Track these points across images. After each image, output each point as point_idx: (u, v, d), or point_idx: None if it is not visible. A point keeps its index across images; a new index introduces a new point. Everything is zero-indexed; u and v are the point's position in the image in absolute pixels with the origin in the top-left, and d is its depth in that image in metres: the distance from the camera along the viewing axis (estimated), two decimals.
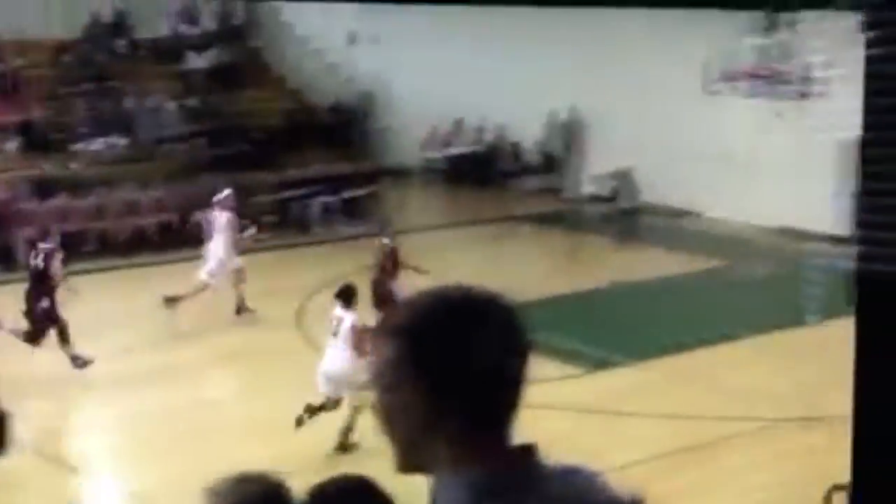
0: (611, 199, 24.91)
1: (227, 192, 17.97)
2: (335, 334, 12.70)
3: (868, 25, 5.74)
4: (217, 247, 17.54)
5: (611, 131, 25.32)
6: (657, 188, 24.40)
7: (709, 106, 22.04)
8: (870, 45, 5.66)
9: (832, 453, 11.56)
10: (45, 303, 14.98)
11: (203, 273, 17.39)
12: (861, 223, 6.04)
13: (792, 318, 17.04)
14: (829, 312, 17.45)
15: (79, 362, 14.83)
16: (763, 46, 20.74)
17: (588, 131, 26.33)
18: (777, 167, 22.27)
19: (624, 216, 24.50)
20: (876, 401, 6.08)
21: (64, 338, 14.91)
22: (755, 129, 22.33)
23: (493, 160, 28.11)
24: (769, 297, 18.49)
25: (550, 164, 27.24)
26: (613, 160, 24.78)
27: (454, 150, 28.54)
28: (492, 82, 26.97)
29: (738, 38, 20.74)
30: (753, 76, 20.71)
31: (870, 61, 5.74)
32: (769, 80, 20.45)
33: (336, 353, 12.59)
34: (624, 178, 24.74)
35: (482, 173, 27.73)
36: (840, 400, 13.27)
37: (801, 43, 19.84)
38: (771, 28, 20.97)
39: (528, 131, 27.18)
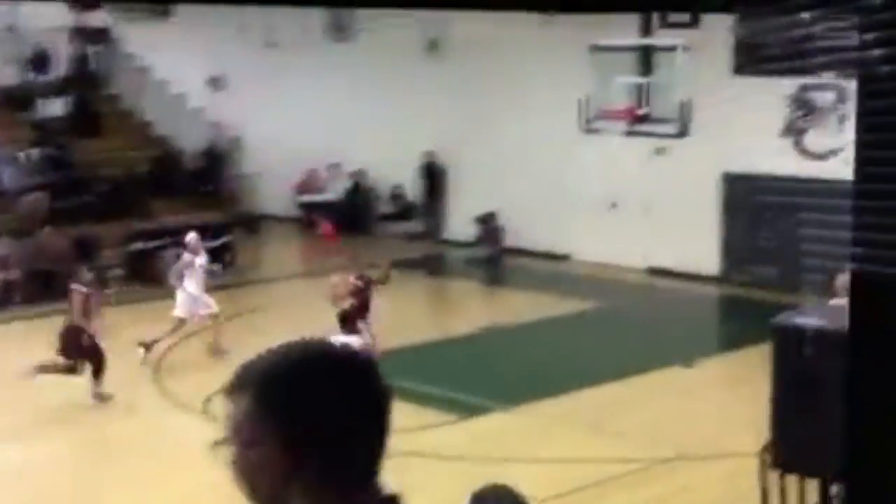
0: (479, 242, 24.24)
1: (192, 234, 17.51)
2: None
3: (863, 27, 5.63)
4: (189, 289, 17.02)
5: (481, 172, 24.49)
6: (530, 230, 23.59)
7: (586, 145, 21.44)
8: (865, 47, 5.54)
9: (713, 490, 11.76)
10: None
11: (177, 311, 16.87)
12: (857, 225, 5.89)
13: (669, 358, 16.62)
14: (706, 352, 17.52)
15: None
16: (641, 83, 20.62)
17: (457, 173, 25.48)
18: (656, 206, 21.53)
19: (492, 260, 23.91)
20: (869, 404, 5.95)
21: None
22: (633, 168, 21.58)
23: (363, 205, 27.29)
24: (645, 338, 18.05)
25: (420, 208, 26.43)
26: (484, 202, 24.05)
27: (323, 197, 27.70)
28: (363, 124, 26.11)
29: (615, 75, 20.57)
30: (632, 114, 20.50)
31: (865, 64, 5.61)
32: (647, 117, 20.28)
33: None
34: (492, 222, 24.09)
35: (353, 219, 26.95)
36: (718, 438, 13.63)
37: (680, 80, 19.73)
38: (648, 64, 20.92)
39: (398, 174, 26.30)
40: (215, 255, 22.57)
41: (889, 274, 5.48)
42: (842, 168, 20.38)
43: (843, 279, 17.62)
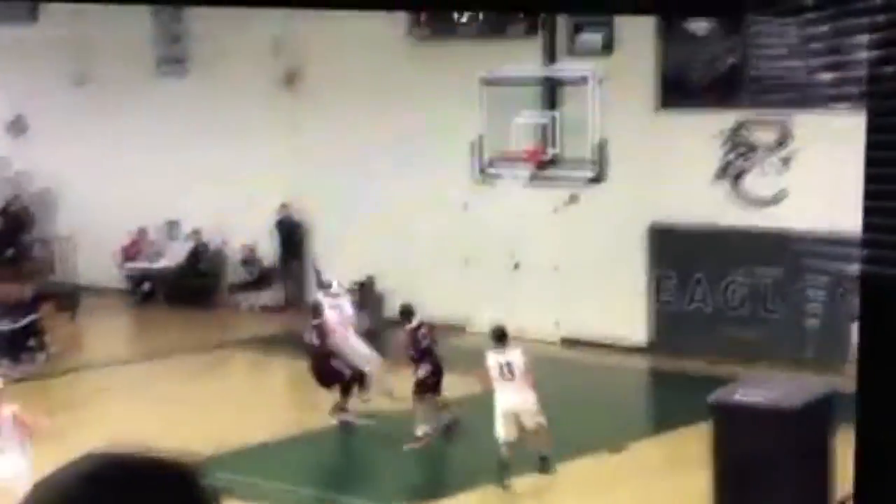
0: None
1: None
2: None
3: (871, 28, 6.28)
4: None
5: (354, 229, 24.56)
6: (415, 298, 23.78)
7: (482, 195, 21.82)
8: (871, 47, 6.18)
9: None
10: None
11: None
12: (866, 226, 6.62)
13: (593, 444, 17.05)
14: (636, 435, 17.90)
15: None
16: (547, 121, 21.02)
17: (323, 230, 25.64)
18: (569, 265, 21.85)
19: (370, 335, 23.80)
20: (879, 405, 6.58)
21: None
22: (540, 221, 21.89)
23: (207, 272, 27.29)
24: (564, 422, 17.87)
25: (278, 273, 26.56)
26: (358, 265, 24.08)
27: (157, 263, 27.69)
28: (204, 174, 26.24)
29: (515, 112, 20.98)
30: (537, 157, 20.88)
31: (872, 65, 6.60)
32: (556, 160, 20.69)
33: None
34: (369, 289, 24.24)
35: (195, 289, 26.93)
36: None
37: (594, 116, 20.21)
38: (554, 99, 21.36)
39: (249, 233, 26.38)
40: (18, 339, 22.40)
41: (893, 275, 6.12)
42: (789, 215, 21.27)
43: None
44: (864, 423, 7.13)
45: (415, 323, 18.40)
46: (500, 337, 16.64)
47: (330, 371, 18.54)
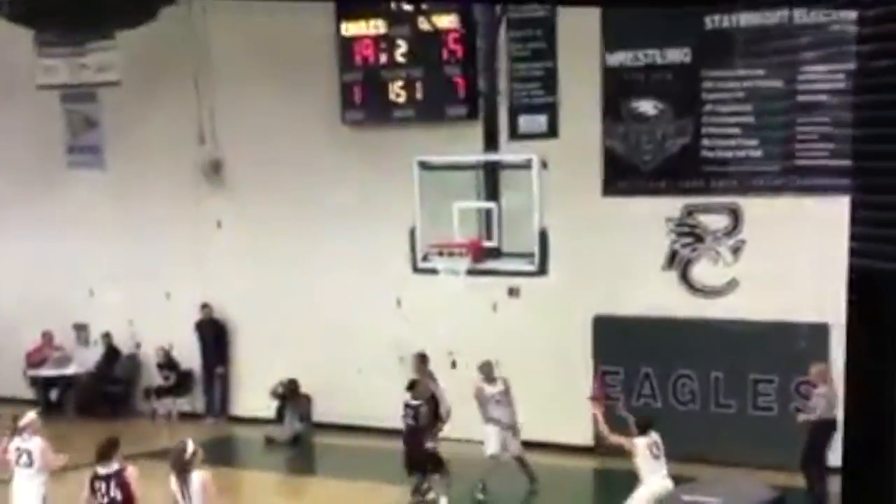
0: (280, 419, 24.74)
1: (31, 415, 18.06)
2: None
3: (860, 21, 6.83)
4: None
5: (279, 329, 25.16)
6: (346, 400, 24.27)
7: (417, 288, 22.38)
8: (861, 41, 6.76)
9: None
10: None
11: None
12: (856, 220, 7.02)
13: None
14: None
15: None
16: (487, 209, 21.47)
17: (247, 331, 26.13)
18: (510, 361, 22.02)
19: (297, 441, 24.50)
20: (867, 400, 7.10)
21: None
22: (479, 315, 22.66)
23: (122, 378, 27.56)
24: None
25: (199, 378, 26.89)
26: (283, 367, 24.68)
27: (68, 370, 27.90)
28: (117, 272, 26.77)
29: (454, 199, 21.49)
30: (476, 247, 21.28)
31: (861, 57, 7.06)
32: (497, 251, 21.08)
33: None
34: (295, 391, 24.70)
35: (109, 396, 27.17)
36: None
37: (537, 204, 20.72)
38: (496, 185, 21.88)
39: (167, 336, 26.69)
40: None
41: (886, 269, 6.65)
42: (740, 305, 21.87)
43: (816, 368, 18.99)
44: (849, 420, 7.56)
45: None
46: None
47: None
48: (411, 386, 20.15)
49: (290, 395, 24.78)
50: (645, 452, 17.00)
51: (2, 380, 27.91)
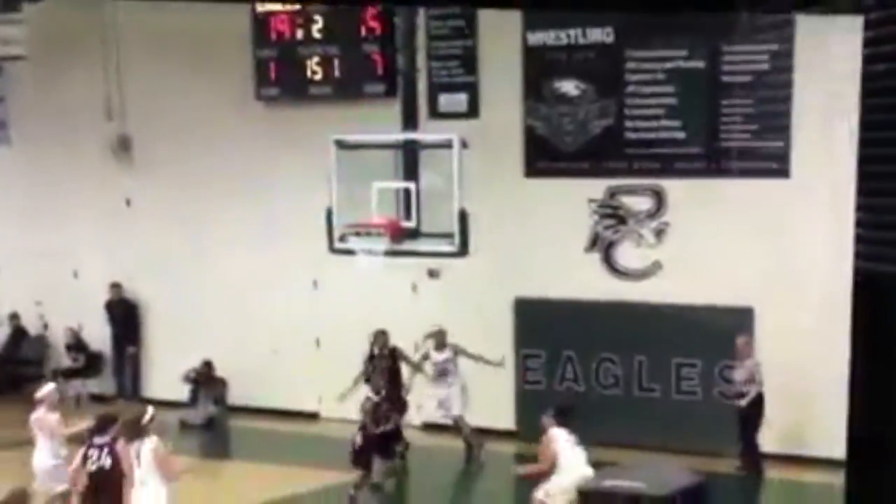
0: (193, 401, 24.44)
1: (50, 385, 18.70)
2: None
3: (865, 24, 6.81)
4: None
5: (192, 309, 24.88)
6: (262, 383, 23.99)
7: (335, 268, 22.16)
8: (865, 44, 6.73)
9: None
10: None
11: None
12: (860, 222, 6.93)
13: None
14: None
15: None
16: (406, 189, 21.33)
17: (159, 311, 25.85)
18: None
19: (211, 424, 24.23)
20: (873, 402, 7.09)
21: None
22: (398, 297, 22.48)
23: (29, 359, 27.21)
24: None
25: (109, 358, 26.56)
26: (197, 348, 24.38)
27: None
28: (22, 251, 26.43)
29: (372, 178, 21.28)
30: (395, 227, 21.16)
31: (866, 60, 6.82)
32: (416, 232, 20.94)
33: None
34: (209, 374, 24.40)
35: (16, 378, 26.72)
36: None
37: (458, 184, 20.59)
38: (415, 165, 21.72)
39: (75, 316, 26.36)
40: None
41: (890, 272, 6.67)
42: (663, 288, 21.91)
43: (742, 340, 19.11)
44: (855, 419, 7.60)
45: None
46: None
47: None
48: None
49: (204, 379, 24.47)
50: (564, 444, 16.75)
51: None
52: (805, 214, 19.17)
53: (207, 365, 24.53)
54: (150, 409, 15.40)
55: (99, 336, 26.52)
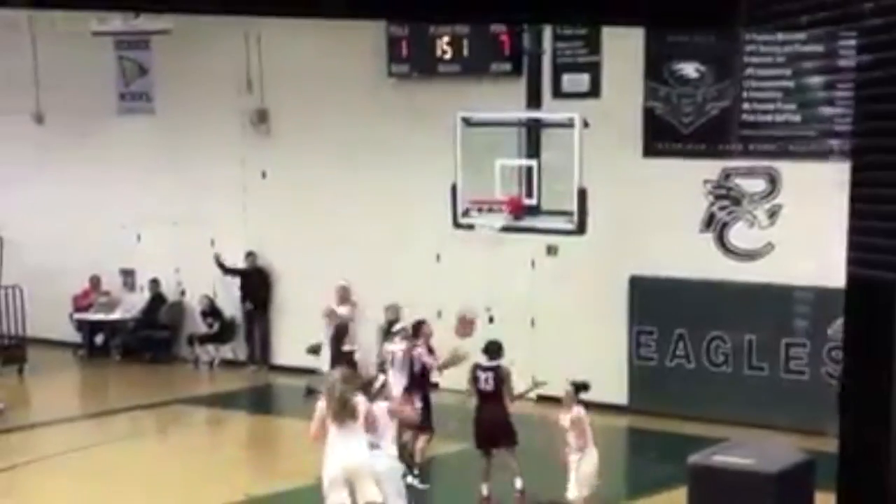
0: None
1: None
2: None
3: (862, 32, 7.06)
4: None
5: (320, 279, 25.21)
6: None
7: (458, 243, 22.54)
8: (860, 51, 7.00)
9: None
10: None
11: None
12: (853, 229, 7.36)
13: None
14: (612, 499, 18.67)
15: None
16: (528, 167, 21.82)
17: (290, 280, 26.66)
18: (545, 319, 22.96)
19: None
20: (863, 407, 7.27)
21: None
22: (517, 272, 23.03)
23: (166, 324, 28.19)
24: (534, 485, 18.41)
25: (241, 326, 27.49)
26: (319, 319, 24.48)
27: (113, 315, 28.66)
28: (165, 219, 27.42)
29: (495, 156, 21.81)
30: (515, 205, 21.63)
31: (862, 70, 7.26)
32: (536, 209, 21.41)
33: None
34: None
35: (153, 342, 27.92)
36: None
37: (577, 163, 21.06)
38: (537, 143, 22.17)
39: (212, 283, 27.37)
40: None
41: (883, 278, 6.92)
42: (775, 269, 22.05)
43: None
44: (847, 421, 7.88)
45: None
46: None
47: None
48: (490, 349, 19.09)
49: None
50: (587, 420, 17.15)
51: (49, 323, 28.45)
52: None
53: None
54: (382, 377, 15.95)
55: (232, 304, 27.49)
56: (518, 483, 18.35)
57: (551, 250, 23.04)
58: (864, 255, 7.22)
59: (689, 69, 21.76)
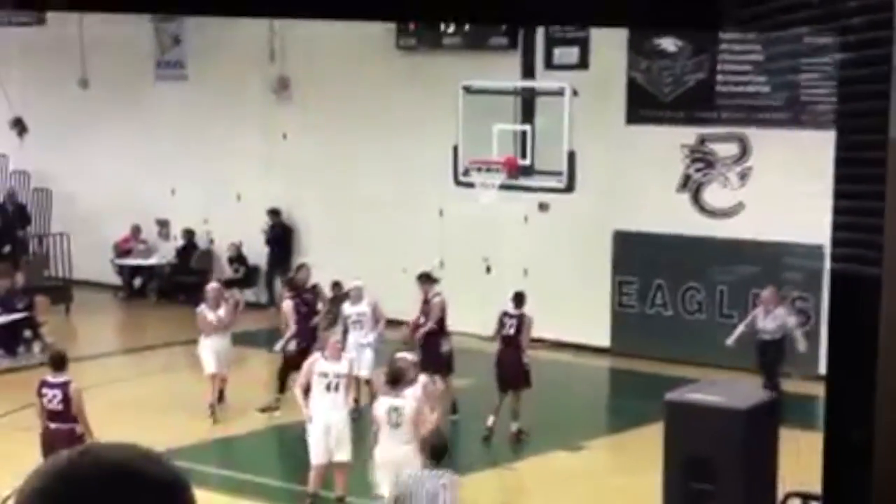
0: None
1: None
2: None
3: (842, 30, 6.80)
4: None
5: (335, 232, 25.49)
6: (389, 299, 24.41)
7: (459, 200, 22.58)
8: (841, 49, 6.74)
9: None
10: None
11: None
12: (837, 225, 6.83)
13: (552, 442, 17.99)
14: (593, 434, 18.58)
15: None
16: (522, 131, 21.69)
17: (309, 233, 26.57)
18: (537, 269, 22.59)
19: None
20: (848, 402, 6.99)
21: None
22: (512, 227, 22.82)
23: (196, 270, 27.82)
24: (525, 420, 18.75)
25: (264, 273, 27.34)
26: (339, 267, 24.86)
27: (148, 259, 28.51)
28: (197, 175, 27.24)
29: (493, 120, 21.67)
30: (511, 165, 21.52)
31: (841, 66, 6.77)
32: (530, 169, 21.31)
33: None
34: (337, 291, 24.85)
35: (184, 285, 27.50)
36: None
37: (567, 128, 20.89)
38: (531, 110, 22.05)
39: (238, 233, 27.11)
40: (14, 330, 22.96)
41: (867, 273, 6.68)
42: (744, 226, 21.93)
43: (767, 293, 18.90)
44: (832, 420, 7.37)
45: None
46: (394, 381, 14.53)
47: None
48: (517, 298, 18.83)
49: (335, 299, 24.84)
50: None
51: (93, 267, 28.27)
52: None
53: (337, 285, 24.83)
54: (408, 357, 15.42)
55: (255, 252, 27.29)
56: (514, 426, 18.27)
57: (543, 207, 22.80)
58: (848, 250, 6.87)
59: (669, 44, 21.51)
